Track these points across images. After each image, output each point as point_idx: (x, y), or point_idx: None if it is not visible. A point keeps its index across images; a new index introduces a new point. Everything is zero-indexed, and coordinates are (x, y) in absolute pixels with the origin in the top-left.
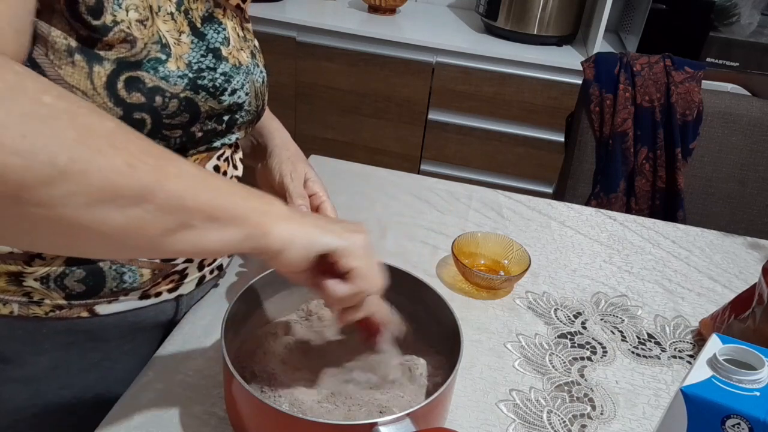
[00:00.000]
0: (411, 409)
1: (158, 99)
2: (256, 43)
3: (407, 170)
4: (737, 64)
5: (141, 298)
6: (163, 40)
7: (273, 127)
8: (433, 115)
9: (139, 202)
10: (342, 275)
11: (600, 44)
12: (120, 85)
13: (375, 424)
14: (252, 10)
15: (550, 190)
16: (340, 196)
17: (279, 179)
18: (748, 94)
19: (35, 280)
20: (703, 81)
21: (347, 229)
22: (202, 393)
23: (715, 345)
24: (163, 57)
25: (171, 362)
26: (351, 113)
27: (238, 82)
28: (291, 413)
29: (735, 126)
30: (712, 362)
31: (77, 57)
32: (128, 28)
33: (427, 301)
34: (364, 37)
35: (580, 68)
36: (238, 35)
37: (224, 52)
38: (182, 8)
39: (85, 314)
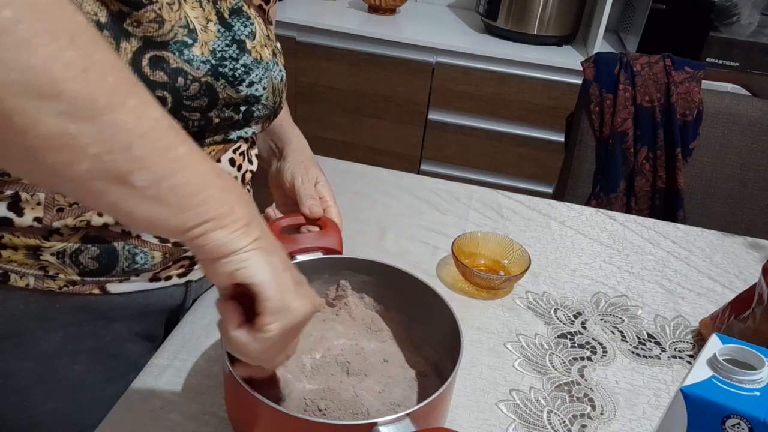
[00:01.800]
0: (411, 409)
1: (180, 80)
2: (278, 45)
3: (407, 170)
4: (737, 64)
5: (151, 280)
6: (191, 26)
7: (292, 133)
8: (433, 115)
9: (80, 118)
10: (250, 318)
11: (600, 44)
12: (145, 62)
13: (375, 424)
14: None
15: (550, 190)
16: (340, 196)
17: (290, 182)
18: (748, 94)
19: (52, 254)
20: (703, 81)
21: (298, 293)
22: (202, 393)
23: (715, 345)
24: (190, 41)
25: (171, 362)
26: (351, 113)
27: (256, 75)
28: (291, 413)
29: (735, 126)
30: (712, 362)
31: (105, 33)
32: (160, 9)
33: (427, 301)
34: (364, 37)
35: (580, 68)
36: (263, 32)
37: (248, 45)
38: None
39: (96, 291)
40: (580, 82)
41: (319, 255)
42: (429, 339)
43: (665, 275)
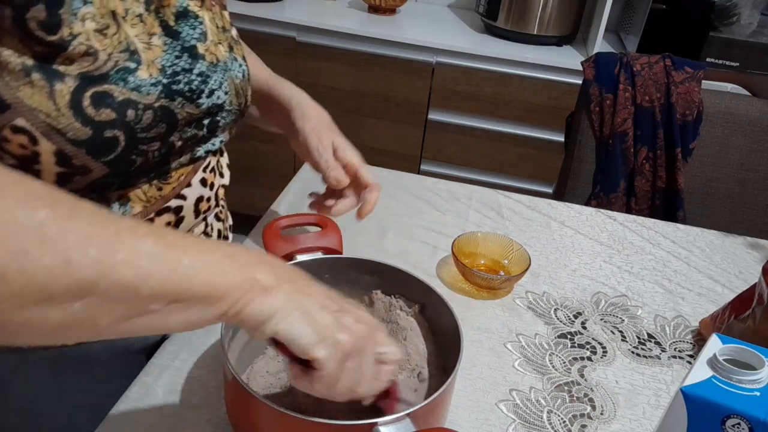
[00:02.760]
0: (411, 409)
1: (130, 113)
2: (234, 33)
3: (407, 170)
4: (737, 64)
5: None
6: (131, 47)
7: (290, 100)
8: (433, 115)
9: (82, 298)
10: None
11: (600, 44)
12: (86, 102)
13: (375, 424)
14: (252, 10)
15: (550, 190)
16: None
17: (309, 156)
18: (748, 94)
19: None
20: (703, 81)
21: (337, 324)
22: (202, 393)
23: (715, 345)
24: (133, 66)
25: (171, 362)
26: (351, 113)
27: (215, 81)
28: (291, 413)
29: (735, 126)
30: (712, 362)
31: (35, 76)
32: (87, 40)
33: (427, 301)
34: (364, 37)
35: (580, 68)
36: (217, 27)
37: (200, 49)
38: (152, 7)
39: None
40: (580, 82)
41: (319, 255)
42: (429, 339)
43: (665, 275)
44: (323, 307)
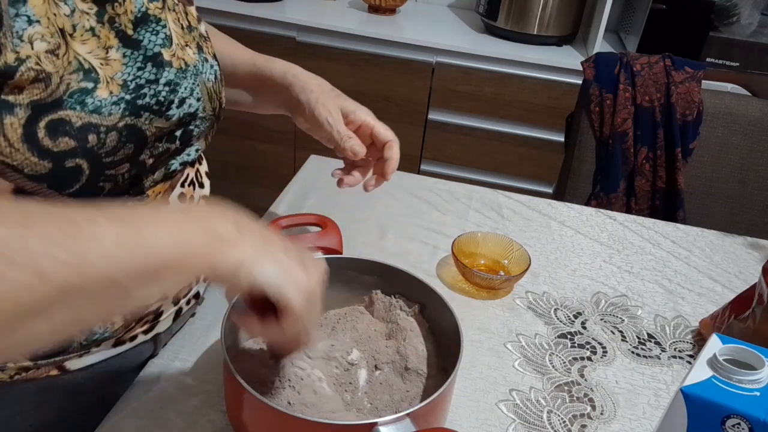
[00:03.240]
0: (411, 409)
1: (92, 138)
2: (203, 29)
3: (407, 170)
4: (737, 64)
5: (115, 345)
6: (85, 65)
7: (284, 76)
8: (433, 115)
9: (64, 303)
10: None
11: (600, 44)
12: (41, 133)
13: (375, 424)
14: (252, 10)
15: (550, 190)
16: (341, 196)
17: (320, 130)
18: (748, 94)
19: None
20: (703, 81)
21: (303, 267)
22: (202, 393)
23: (715, 345)
24: (90, 85)
25: (171, 362)
26: None
27: (186, 88)
28: (291, 413)
29: (735, 126)
30: (712, 362)
31: None
32: (38, 63)
33: (427, 301)
34: (364, 37)
35: (580, 68)
36: (183, 27)
37: (166, 55)
38: (105, 18)
39: (54, 372)
40: (580, 82)
41: (319, 255)
42: (429, 339)
43: (665, 275)
44: (286, 250)
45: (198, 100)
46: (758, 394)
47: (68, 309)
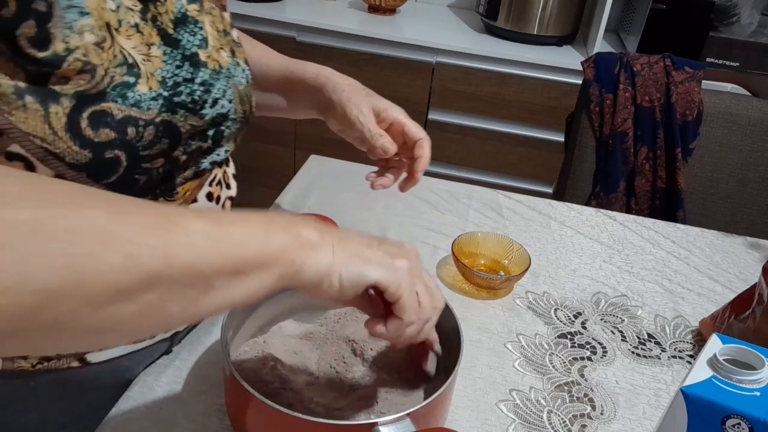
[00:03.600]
0: (411, 409)
1: (131, 131)
2: (235, 35)
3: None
4: (737, 64)
5: (136, 341)
6: (129, 60)
7: (312, 73)
8: (433, 115)
9: (151, 288)
10: (389, 304)
11: (600, 44)
12: (84, 123)
13: (375, 423)
14: (252, 10)
15: (550, 190)
16: (341, 196)
17: (352, 129)
18: (748, 94)
19: None
20: (703, 81)
21: (389, 254)
22: (202, 393)
23: (715, 345)
24: (132, 80)
25: (171, 362)
26: None
27: (219, 89)
28: (291, 413)
29: (735, 126)
30: (713, 362)
31: (28, 99)
32: (85, 55)
33: None
34: (364, 37)
35: (580, 68)
36: (217, 30)
37: (202, 56)
38: (148, 15)
39: (75, 364)
40: (580, 82)
41: None
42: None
43: (665, 275)
44: (369, 246)
45: (230, 101)
46: (758, 394)
47: (154, 296)
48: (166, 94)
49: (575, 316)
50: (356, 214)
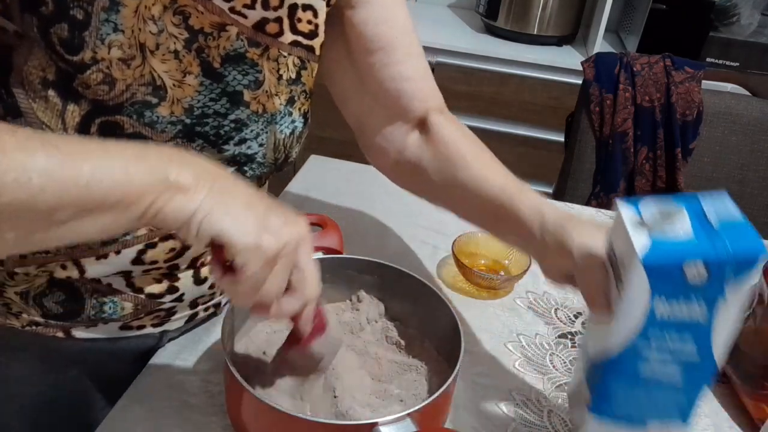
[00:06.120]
0: (411, 409)
1: None
2: (308, 87)
3: None
4: (737, 64)
5: (122, 328)
6: (158, 82)
7: (533, 206)
8: None
9: None
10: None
11: (600, 44)
12: (94, 128)
13: (375, 423)
14: None
15: (550, 190)
16: (340, 196)
17: (594, 291)
18: (748, 94)
19: (15, 293)
20: (703, 81)
21: (264, 227)
22: (203, 393)
23: (626, 210)
24: (154, 101)
25: (171, 362)
26: None
27: (252, 131)
28: (291, 413)
29: (735, 126)
30: (643, 225)
31: (51, 93)
32: (108, 68)
33: (427, 301)
34: None
35: (580, 68)
36: (280, 77)
37: (247, 96)
38: (194, 46)
39: (60, 334)
40: (580, 82)
41: (319, 255)
42: (429, 339)
43: None
44: (248, 207)
45: (261, 145)
46: (693, 237)
47: None
48: (188, 121)
49: (575, 316)
50: (356, 214)
